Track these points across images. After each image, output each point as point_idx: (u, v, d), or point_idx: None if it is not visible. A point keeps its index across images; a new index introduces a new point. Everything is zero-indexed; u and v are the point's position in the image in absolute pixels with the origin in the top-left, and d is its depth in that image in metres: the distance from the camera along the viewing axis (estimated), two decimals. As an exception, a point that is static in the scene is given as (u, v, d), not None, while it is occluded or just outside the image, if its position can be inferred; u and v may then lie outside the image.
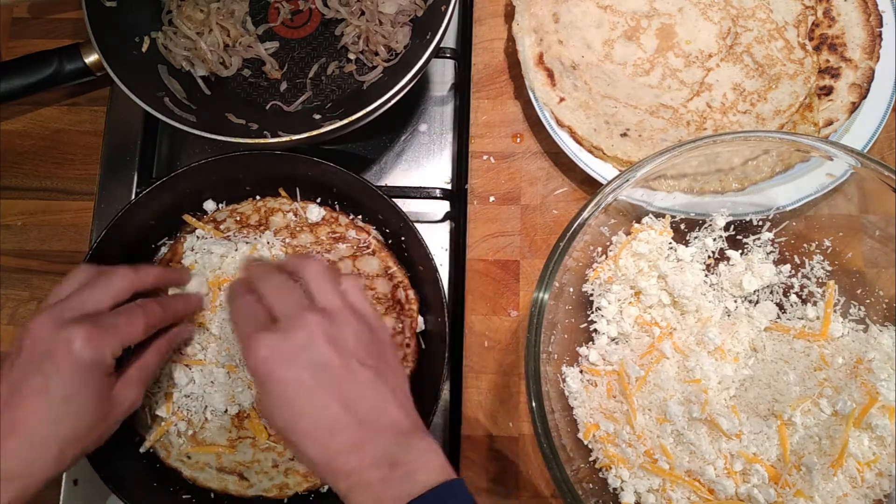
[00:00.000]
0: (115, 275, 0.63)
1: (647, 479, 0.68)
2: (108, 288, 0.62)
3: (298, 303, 0.57)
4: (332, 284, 0.58)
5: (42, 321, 0.58)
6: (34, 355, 0.56)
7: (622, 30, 0.83)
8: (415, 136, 0.87)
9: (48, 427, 0.56)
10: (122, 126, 0.88)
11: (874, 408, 0.66)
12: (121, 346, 0.59)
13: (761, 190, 0.75)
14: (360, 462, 0.52)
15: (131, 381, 0.62)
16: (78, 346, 0.56)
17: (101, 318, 0.59)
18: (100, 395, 0.58)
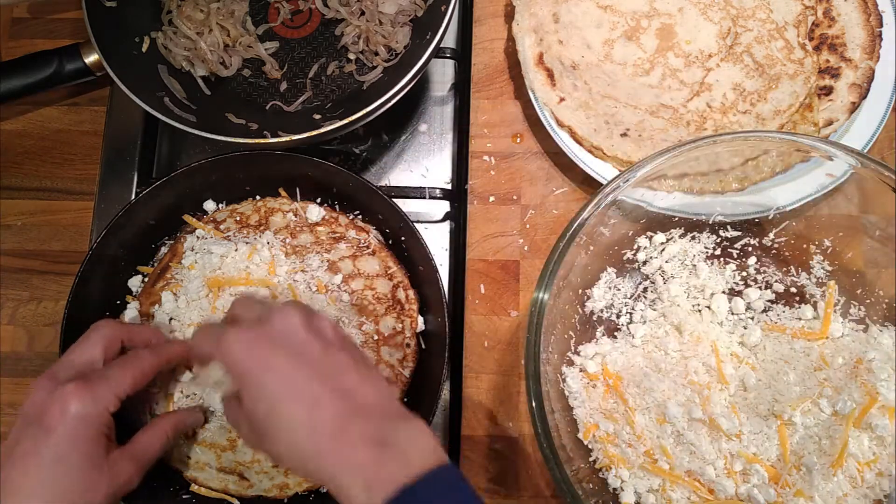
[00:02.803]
0: (100, 327, 0.63)
1: (647, 479, 0.68)
2: (97, 338, 0.62)
3: (269, 305, 0.56)
4: None
5: (38, 385, 0.57)
6: (29, 419, 0.56)
7: (622, 30, 0.83)
8: (415, 136, 0.87)
9: (38, 490, 0.54)
10: (122, 126, 0.88)
11: (874, 408, 0.66)
12: (115, 397, 0.58)
13: (761, 190, 0.75)
14: (346, 440, 0.49)
15: (130, 455, 0.60)
16: (69, 404, 0.55)
17: (92, 373, 0.59)
18: (92, 459, 0.56)
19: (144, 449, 0.62)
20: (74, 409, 0.56)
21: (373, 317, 0.75)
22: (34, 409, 0.56)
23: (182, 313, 0.74)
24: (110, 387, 0.58)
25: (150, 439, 0.63)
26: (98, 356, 0.61)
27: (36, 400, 0.57)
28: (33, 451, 0.55)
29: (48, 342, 0.83)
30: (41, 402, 0.56)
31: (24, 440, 0.55)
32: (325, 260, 0.76)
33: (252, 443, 0.56)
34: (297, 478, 0.71)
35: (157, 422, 0.65)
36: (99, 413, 0.57)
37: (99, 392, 0.57)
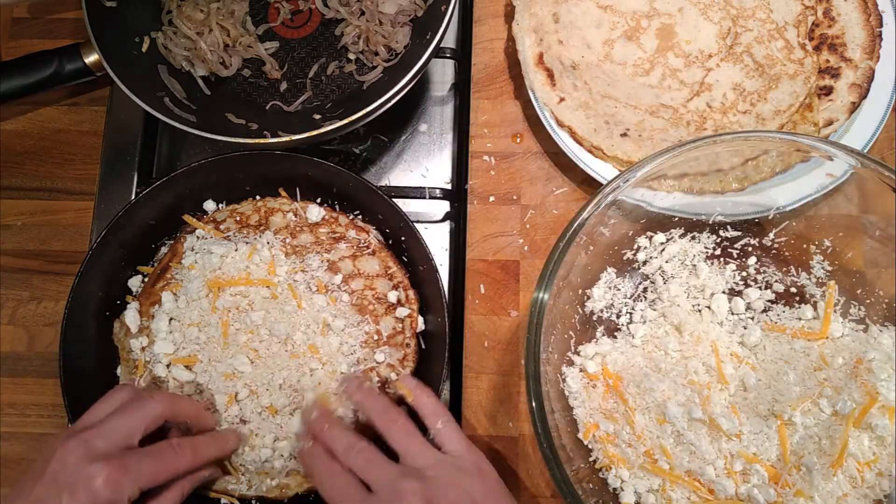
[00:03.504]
0: (150, 400, 0.62)
1: (647, 479, 0.68)
2: (141, 414, 0.61)
3: (390, 473, 0.58)
4: (417, 440, 0.61)
5: (72, 448, 0.57)
6: (57, 483, 0.56)
7: (622, 30, 0.83)
8: (415, 136, 0.87)
9: None
10: (122, 126, 0.88)
11: (874, 408, 0.66)
12: (139, 489, 0.58)
13: (761, 190, 0.75)
14: None
15: None
16: (98, 486, 0.56)
17: (128, 457, 0.58)
18: None
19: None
20: (102, 493, 0.56)
21: (373, 317, 0.75)
22: (63, 474, 0.56)
23: (182, 313, 0.74)
24: (140, 480, 0.58)
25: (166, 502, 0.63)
26: (138, 433, 0.60)
27: (67, 464, 0.57)
28: None
29: (48, 342, 0.83)
30: (72, 471, 0.56)
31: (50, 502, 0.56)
32: (325, 260, 0.76)
33: None
34: (297, 478, 0.71)
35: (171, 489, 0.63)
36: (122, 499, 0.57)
37: (128, 482, 0.57)
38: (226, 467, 0.71)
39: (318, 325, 0.73)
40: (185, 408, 0.66)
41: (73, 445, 0.57)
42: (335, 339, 0.73)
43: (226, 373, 0.72)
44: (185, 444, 0.63)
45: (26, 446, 0.79)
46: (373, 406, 0.64)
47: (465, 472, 0.59)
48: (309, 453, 0.64)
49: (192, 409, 0.67)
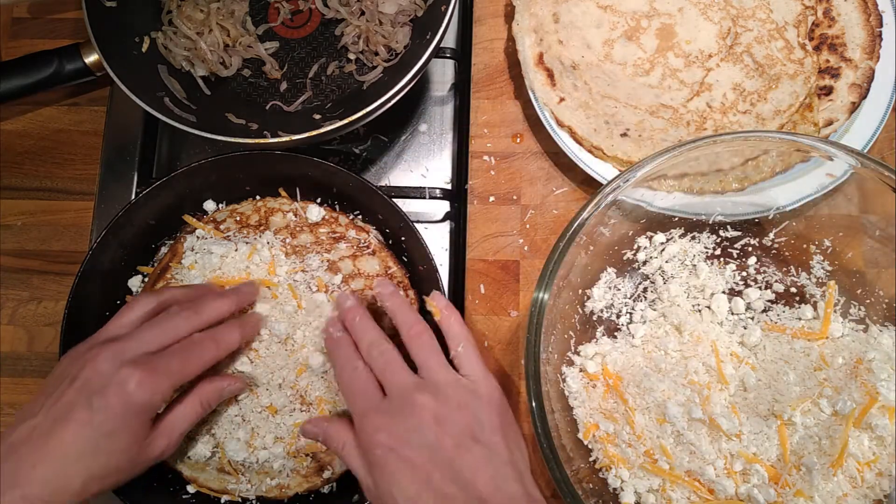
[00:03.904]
0: (179, 317, 0.63)
1: (647, 479, 0.68)
2: (172, 331, 0.62)
3: (406, 380, 0.60)
4: (437, 357, 0.62)
5: (103, 356, 0.59)
6: (89, 388, 0.58)
7: (622, 30, 0.83)
8: (415, 136, 0.87)
9: (81, 460, 0.57)
10: (122, 126, 0.88)
11: (874, 408, 0.66)
12: (172, 388, 0.60)
13: (761, 190, 0.75)
14: None
15: (168, 430, 0.62)
16: (132, 388, 0.57)
17: (157, 360, 0.60)
18: (137, 439, 0.59)
19: (179, 423, 0.64)
20: (135, 398, 0.57)
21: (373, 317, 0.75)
22: (96, 380, 0.58)
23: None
24: (171, 379, 0.60)
25: (188, 410, 0.64)
26: (167, 343, 0.62)
27: (99, 370, 0.58)
28: (87, 421, 0.57)
29: (48, 342, 0.83)
30: (105, 376, 0.58)
31: (80, 407, 0.57)
32: (325, 260, 0.76)
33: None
34: (297, 478, 0.72)
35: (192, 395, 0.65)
36: (154, 403, 0.59)
37: (160, 384, 0.59)
38: (224, 467, 0.71)
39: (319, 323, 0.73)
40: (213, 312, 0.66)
41: (104, 352, 0.59)
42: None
43: (226, 373, 0.72)
44: (205, 337, 0.64)
45: (26, 446, 0.79)
46: (403, 317, 0.65)
47: (478, 396, 0.60)
48: (336, 342, 0.65)
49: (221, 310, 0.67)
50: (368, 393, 0.61)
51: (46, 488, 0.55)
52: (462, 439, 0.57)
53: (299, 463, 0.72)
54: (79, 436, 0.57)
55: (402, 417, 0.58)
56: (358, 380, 0.62)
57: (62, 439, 0.56)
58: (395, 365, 0.62)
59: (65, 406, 0.57)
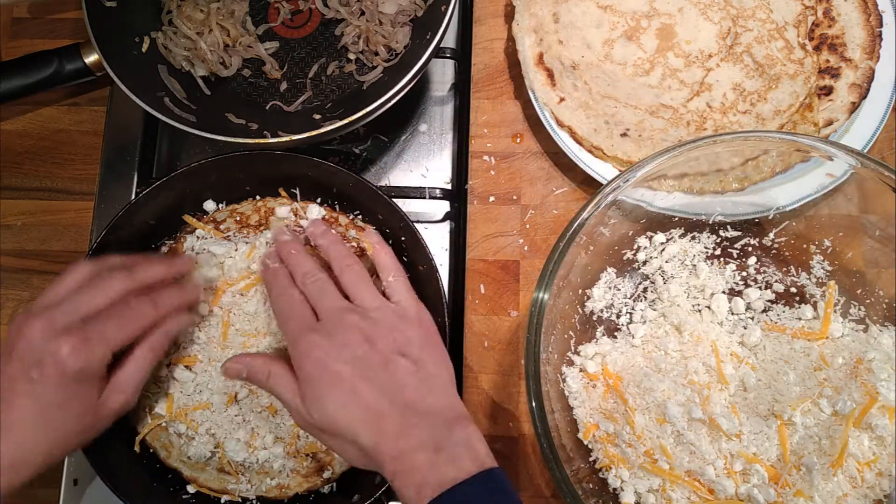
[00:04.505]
0: (112, 278, 0.62)
1: (647, 479, 0.68)
2: (105, 291, 0.61)
3: (337, 303, 0.63)
4: (368, 286, 0.65)
5: (36, 326, 0.58)
6: (25, 361, 0.57)
7: (622, 30, 0.83)
8: (415, 136, 0.87)
9: (36, 431, 0.57)
10: (122, 126, 0.88)
11: (874, 408, 0.66)
12: (110, 351, 0.60)
13: (761, 190, 0.75)
14: (406, 445, 0.55)
15: (122, 384, 0.62)
16: (65, 357, 0.57)
17: (91, 326, 0.59)
18: (87, 404, 0.60)
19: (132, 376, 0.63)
20: (71, 364, 0.57)
21: None
22: (30, 353, 0.57)
23: (182, 313, 0.74)
24: (106, 344, 0.59)
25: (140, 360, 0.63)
26: (101, 307, 0.61)
27: (32, 340, 0.57)
28: (30, 394, 0.57)
29: (48, 342, 0.82)
30: (38, 348, 0.57)
31: (20, 381, 0.57)
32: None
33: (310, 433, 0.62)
34: (297, 478, 0.72)
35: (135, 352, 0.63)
36: (93, 369, 0.59)
37: (94, 348, 0.58)
38: (224, 467, 0.71)
39: None
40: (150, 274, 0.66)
41: (37, 323, 0.58)
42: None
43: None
44: (143, 299, 0.63)
45: (26, 446, 0.79)
46: (335, 251, 0.68)
47: (407, 319, 0.63)
48: (272, 272, 0.68)
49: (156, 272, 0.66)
50: (302, 316, 0.63)
51: (7, 461, 0.56)
52: (390, 355, 0.60)
53: (299, 463, 0.72)
54: (26, 410, 0.57)
55: (333, 335, 0.60)
56: (293, 305, 0.64)
57: (10, 415, 0.56)
58: (328, 291, 0.64)
59: (7, 381, 0.57)
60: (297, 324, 0.63)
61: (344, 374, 0.58)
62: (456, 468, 0.54)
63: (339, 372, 0.58)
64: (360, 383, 0.58)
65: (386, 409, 0.57)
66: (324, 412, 0.58)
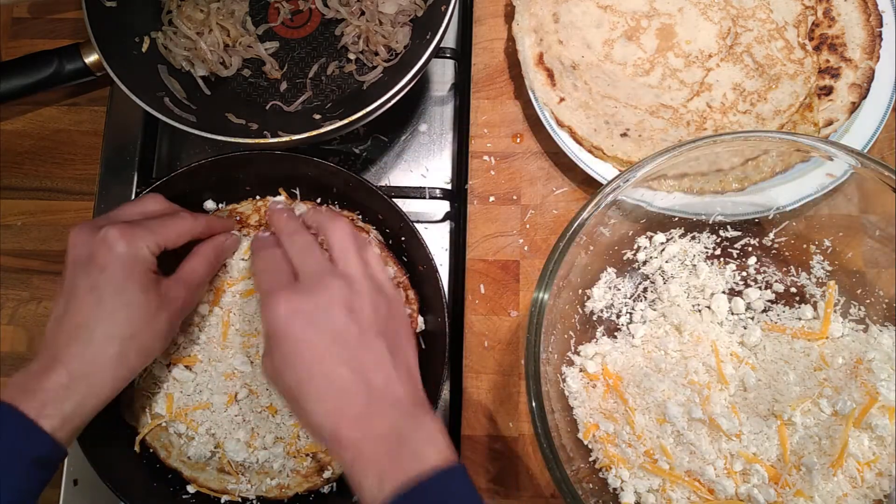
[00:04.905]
0: (181, 218, 0.66)
1: (647, 479, 0.68)
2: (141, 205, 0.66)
3: (322, 265, 0.59)
4: (355, 250, 0.60)
5: (79, 230, 0.61)
6: (78, 260, 0.59)
7: (622, 30, 0.83)
8: (415, 136, 0.87)
9: (103, 323, 0.58)
10: (122, 126, 0.88)
11: (874, 408, 0.66)
12: (156, 244, 0.61)
13: (761, 190, 0.75)
14: (366, 432, 0.53)
15: (179, 280, 0.64)
16: (114, 242, 0.59)
17: (134, 222, 0.62)
18: (147, 288, 0.60)
19: (192, 273, 0.66)
20: (121, 249, 0.59)
21: None
22: (82, 252, 0.59)
23: (182, 313, 0.74)
24: (152, 233, 0.61)
25: (195, 264, 0.66)
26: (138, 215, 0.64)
27: (79, 243, 0.60)
28: (92, 287, 0.58)
29: (48, 342, 0.82)
30: (87, 245, 0.59)
31: (80, 279, 0.59)
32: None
33: (278, 392, 0.60)
34: (297, 478, 0.72)
35: (199, 248, 0.68)
36: (143, 254, 0.60)
37: (140, 236, 0.60)
38: (224, 467, 0.71)
39: None
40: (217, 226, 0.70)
41: (81, 227, 0.61)
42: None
43: (226, 373, 0.72)
44: (186, 212, 0.68)
45: (26, 446, 0.79)
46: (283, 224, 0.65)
47: (386, 297, 0.60)
48: (261, 240, 0.66)
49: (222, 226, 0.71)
50: (279, 271, 0.60)
51: (82, 362, 0.57)
52: (369, 333, 0.56)
53: (299, 463, 0.72)
54: (88, 304, 0.58)
55: (311, 295, 0.56)
56: (271, 261, 0.62)
57: (78, 313, 0.58)
58: (312, 248, 0.61)
59: (69, 285, 0.59)
60: (273, 278, 0.60)
61: (317, 344, 0.55)
62: (420, 462, 0.51)
63: (312, 340, 0.55)
64: (332, 358, 0.55)
65: (352, 390, 0.54)
66: (284, 377, 0.55)
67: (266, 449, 0.71)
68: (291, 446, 0.71)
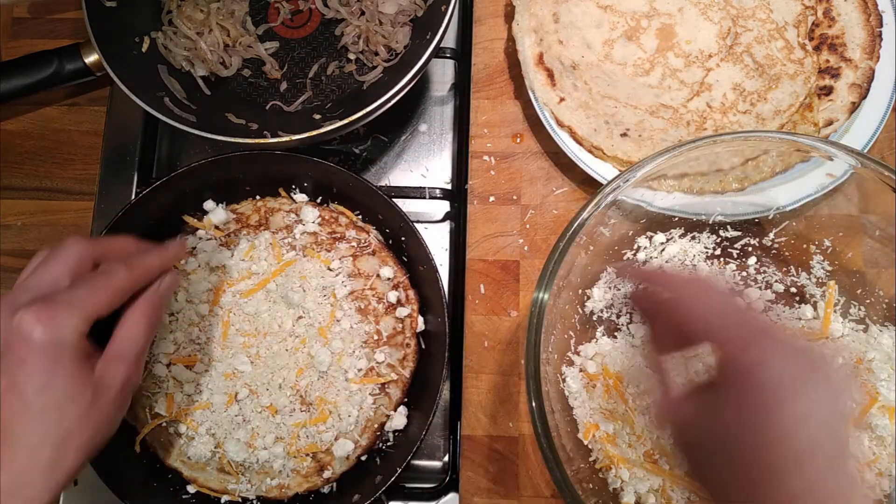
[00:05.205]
0: (67, 245, 0.55)
1: (647, 479, 0.68)
2: (62, 259, 0.54)
3: None
4: None
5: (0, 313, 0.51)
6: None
7: (622, 30, 0.83)
8: (415, 136, 0.87)
9: (31, 427, 0.49)
10: (122, 126, 0.88)
11: (874, 408, 0.66)
12: (84, 320, 0.51)
13: (761, 190, 0.75)
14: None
15: (116, 356, 0.54)
16: (29, 329, 0.49)
17: (56, 295, 0.51)
18: (77, 378, 0.51)
19: (129, 344, 0.55)
20: (39, 336, 0.49)
21: (373, 317, 0.75)
22: None
23: (183, 313, 0.74)
24: (77, 308, 0.51)
25: (131, 332, 0.55)
26: (63, 276, 0.53)
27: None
28: (12, 385, 0.49)
29: (48, 342, 0.82)
30: (4, 331, 0.50)
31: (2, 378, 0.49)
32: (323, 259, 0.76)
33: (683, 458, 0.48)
34: (297, 478, 0.71)
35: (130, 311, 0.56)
36: (68, 339, 0.50)
37: (62, 315, 0.50)
38: (224, 467, 0.71)
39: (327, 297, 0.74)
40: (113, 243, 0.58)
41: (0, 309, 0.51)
42: (336, 341, 0.73)
43: (226, 373, 0.72)
44: (116, 264, 0.55)
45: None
46: None
47: None
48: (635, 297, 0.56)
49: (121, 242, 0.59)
50: None
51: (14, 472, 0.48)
52: None
53: (299, 463, 0.72)
54: (10, 405, 0.49)
55: None
56: None
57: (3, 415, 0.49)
58: None
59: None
60: None
61: None
62: None
63: None
64: None
65: None
66: None
67: (266, 449, 0.71)
68: (291, 446, 0.71)
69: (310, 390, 0.72)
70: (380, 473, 0.70)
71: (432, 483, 0.75)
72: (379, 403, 0.73)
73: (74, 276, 0.54)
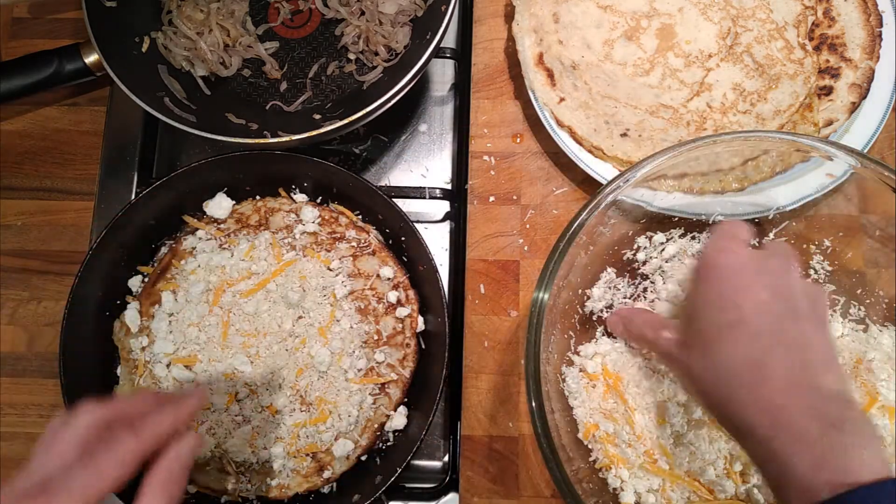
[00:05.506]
0: (78, 414, 0.51)
1: (647, 479, 0.68)
2: (70, 434, 0.50)
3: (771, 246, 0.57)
4: None
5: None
6: None
7: (622, 30, 0.83)
8: (415, 136, 0.87)
9: None
10: (122, 126, 0.88)
11: (874, 408, 0.66)
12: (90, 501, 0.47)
13: (761, 190, 0.75)
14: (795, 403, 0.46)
15: None
16: None
17: (54, 484, 0.47)
18: None
19: None
20: None
21: (373, 317, 0.75)
22: None
23: (182, 313, 0.74)
24: (76, 495, 0.47)
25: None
26: (70, 453, 0.49)
27: None
28: None
29: (48, 342, 0.83)
30: None
31: None
32: (323, 259, 0.76)
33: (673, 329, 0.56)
34: (297, 478, 0.72)
35: (149, 483, 0.51)
36: None
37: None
38: (224, 467, 0.71)
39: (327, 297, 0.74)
40: (130, 404, 0.54)
41: None
42: (336, 341, 0.73)
43: (226, 373, 0.72)
44: (122, 432, 0.50)
45: (26, 446, 0.79)
46: None
47: None
48: None
49: (140, 403, 0.54)
50: None
51: None
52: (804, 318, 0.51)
53: (299, 463, 0.72)
54: None
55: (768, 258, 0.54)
56: None
57: None
58: None
59: None
60: None
61: (760, 299, 0.51)
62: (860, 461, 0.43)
63: (756, 296, 0.51)
64: (771, 314, 0.50)
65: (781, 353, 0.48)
66: (708, 313, 0.52)
67: (266, 449, 0.71)
68: (291, 446, 0.71)
69: (310, 390, 0.72)
70: (380, 473, 0.70)
71: (432, 483, 0.75)
72: (379, 403, 0.73)
73: (85, 449, 0.50)
